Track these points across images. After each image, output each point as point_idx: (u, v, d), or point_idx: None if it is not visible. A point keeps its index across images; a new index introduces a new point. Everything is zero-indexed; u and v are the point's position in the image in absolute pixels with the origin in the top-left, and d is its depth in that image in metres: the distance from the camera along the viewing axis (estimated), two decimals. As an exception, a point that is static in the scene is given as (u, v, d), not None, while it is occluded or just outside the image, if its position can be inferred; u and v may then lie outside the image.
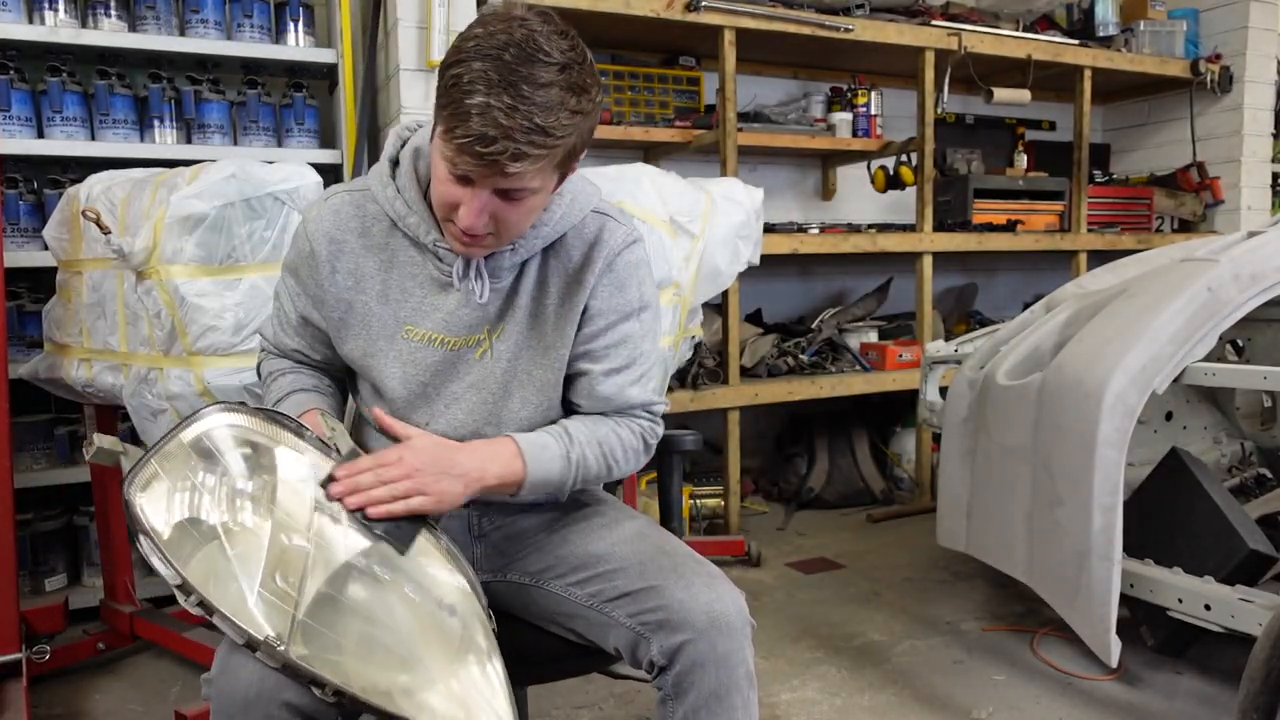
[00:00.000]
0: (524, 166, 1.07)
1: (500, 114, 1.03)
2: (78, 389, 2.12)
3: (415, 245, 1.26)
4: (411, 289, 1.26)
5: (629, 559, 1.23)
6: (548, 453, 1.24)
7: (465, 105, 1.04)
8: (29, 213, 2.67)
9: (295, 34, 2.85)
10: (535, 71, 1.05)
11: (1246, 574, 1.93)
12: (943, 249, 3.64)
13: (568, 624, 1.28)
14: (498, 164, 1.05)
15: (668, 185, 2.30)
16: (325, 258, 1.28)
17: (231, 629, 1.03)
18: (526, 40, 1.06)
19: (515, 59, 1.05)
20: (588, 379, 1.30)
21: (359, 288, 1.27)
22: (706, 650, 1.13)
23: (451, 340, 1.26)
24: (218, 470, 1.11)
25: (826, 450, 3.76)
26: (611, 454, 1.30)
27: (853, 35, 3.35)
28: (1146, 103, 4.72)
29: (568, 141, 1.09)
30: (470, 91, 1.04)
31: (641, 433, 1.34)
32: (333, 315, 1.30)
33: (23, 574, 2.45)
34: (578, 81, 1.08)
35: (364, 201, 1.29)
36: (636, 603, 1.18)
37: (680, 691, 1.14)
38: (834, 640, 2.44)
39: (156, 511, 1.06)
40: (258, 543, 1.09)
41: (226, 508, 1.10)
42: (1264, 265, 1.99)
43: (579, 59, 1.09)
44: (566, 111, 1.07)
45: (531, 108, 1.04)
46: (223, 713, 1.07)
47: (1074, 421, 1.94)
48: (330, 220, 1.28)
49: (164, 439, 1.11)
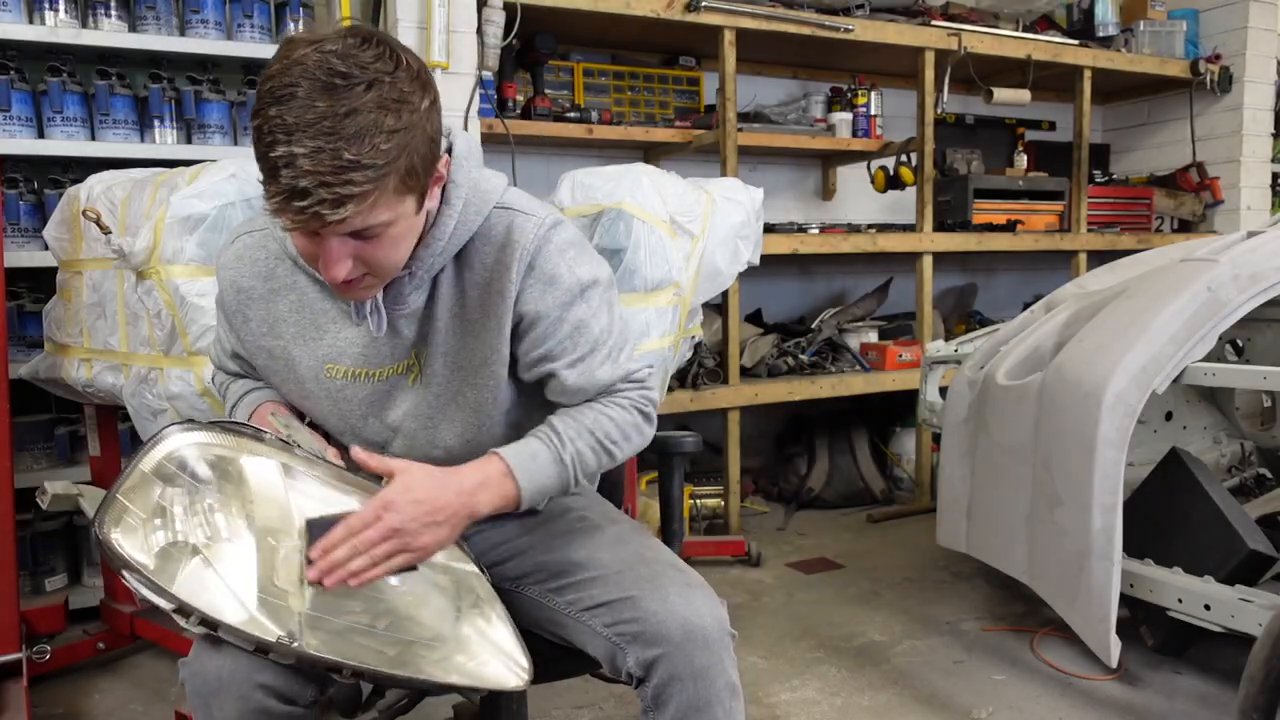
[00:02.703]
0: (350, 209, 0.97)
1: (305, 160, 0.94)
2: (78, 389, 2.12)
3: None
4: (325, 325, 1.22)
5: (607, 567, 1.21)
6: (538, 461, 1.18)
7: (270, 160, 0.95)
8: (29, 213, 2.67)
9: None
10: (336, 101, 0.95)
11: (1246, 574, 1.93)
12: (943, 249, 3.64)
13: (550, 629, 1.26)
14: (319, 216, 0.97)
15: (668, 185, 2.30)
16: (236, 308, 1.26)
17: (239, 638, 1.04)
18: (320, 66, 0.95)
19: (310, 93, 0.94)
20: (555, 379, 1.23)
21: (274, 333, 1.24)
22: (683, 664, 1.10)
23: (377, 372, 1.21)
24: (185, 491, 1.11)
25: (826, 450, 3.76)
26: (608, 438, 1.23)
27: (853, 35, 3.35)
28: (1146, 103, 4.72)
29: (398, 164, 0.99)
30: (272, 144, 0.95)
31: (632, 404, 1.25)
32: (256, 361, 1.29)
33: (23, 574, 2.45)
34: (391, 96, 0.97)
35: (266, 240, 1.23)
36: (613, 613, 1.16)
37: (660, 704, 1.12)
38: (834, 640, 2.44)
39: (135, 544, 1.05)
40: (246, 553, 1.09)
41: (204, 524, 1.09)
42: (1264, 265, 1.99)
43: (389, 68, 0.98)
44: (384, 134, 0.96)
45: (338, 143, 0.94)
46: (197, 694, 1.07)
47: (1074, 421, 1.94)
48: (234, 268, 1.25)
49: (125, 472, 1.09)
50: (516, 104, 3.16)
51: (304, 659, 1.04)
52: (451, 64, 2.70)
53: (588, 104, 3.35)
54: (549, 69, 3.32)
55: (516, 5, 2.79)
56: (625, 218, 2.17)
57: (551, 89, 3.32)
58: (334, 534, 1.06)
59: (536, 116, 3.16)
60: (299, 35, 1.00)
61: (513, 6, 2.78)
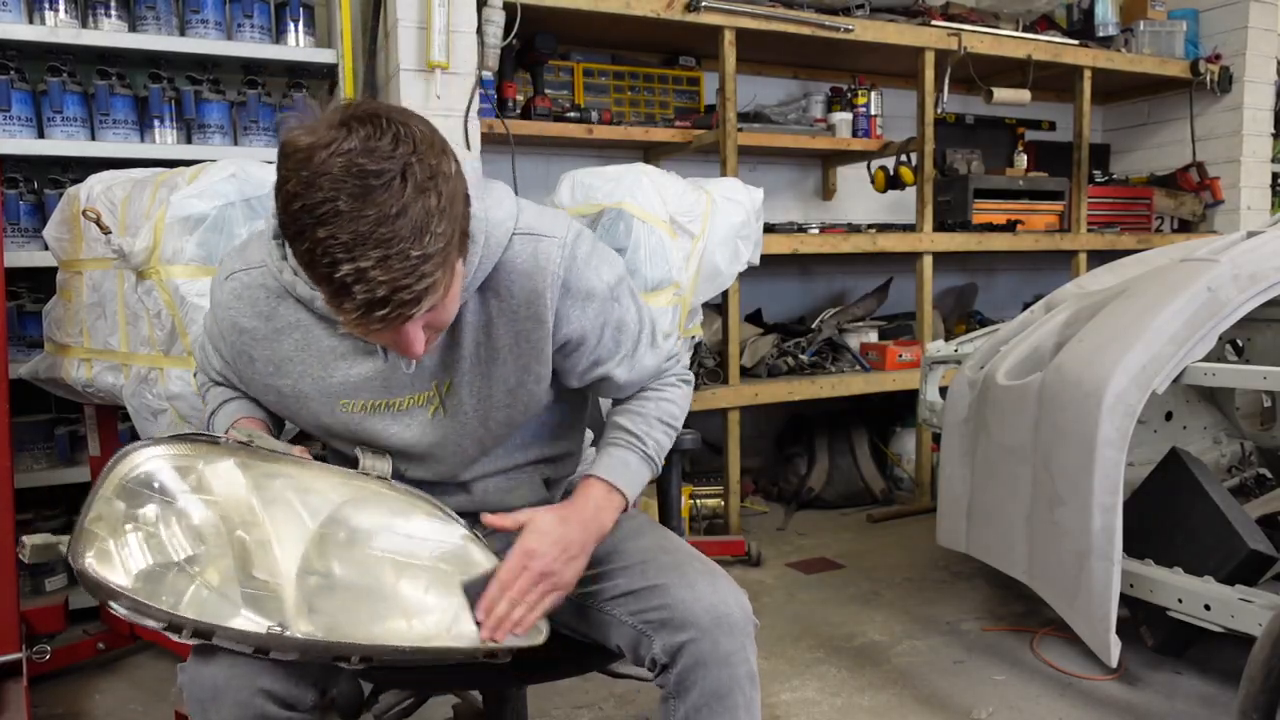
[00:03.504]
0: (429, 300, 0.98)
1: (377, 271, 0.92)
2: (78, 389, 2.12)
3: (324, 319, 1.18)
4: (334, 364, 1.20)
5: (631, 557, 1.24)
6: (631, 467, 1.27)
7: (336, 280, 0.93)
8: (29, 213, 2.67)
9: (295, 34, 2.85)
10: (381, 204, 0.92)
11: (1246, 574, 1.93)
12: (943, 249, 3.64)
13: (569, 622, 1.28)
14: (402, 315, 0.97)
15: (668, 185, 2.30)
16: (240, 349, 1.23)
17: (236, 640, 1.04)
18: (348, 171, 0.92)
19: (352, 203, 0.92)
20: (609, 380, 1.29)
21: (280, 373, 1.22)
22: (709, 649, 1.13)
23: (396, 402, 1.21)
24: (153, 506, 1.10)
25: (826, 450, 3.76)
26: (671, 417, 1.33)
27: (853, 35, 3.35)
28: (1146, 103, 4.72)
29: (453, 238, 1.00)
30: (333, 264, 0.92)
31: (679, 378, 1.37)
32: (266, 399, 1.28)
33: (23, 574, 2.45)
34: (425, 177, 0.95)
35: (264, 279, 1.20)
36: (639, 601, 1.18)
37: (682, 690, 1.14)
38: (834, 640, 2.44)
39: (113, 571, 1.05)
40: (222, 555, 1.09)
41: (179, 536, 1.09)
42: (1264, 265, 1.99)
43: (409, 149, 0.95)
44: (435, 217, 0.95)
45: (403, 245, 0.93)
46: (195, 700, 1.07)
47: (1074, 421, 1.94)
48: (234, 307, 1.22)
49: (88, 503, 1.09)
50: (516, 104, 3.16)
51: (307, 648, 1.04)
52: (451, 64, 2.70)
53: (588, 104, 3.35)
54: (549, 69, 3.32)
55: (516, 5, 2.79)
56: (625, 218, 2.17)
57: (551, 89, 3.32)
58: (490, 592, 1.13)
59: (536, 116, 3.16)
60: (298, 139, 0.94)
61: (513, 6, 2.78)
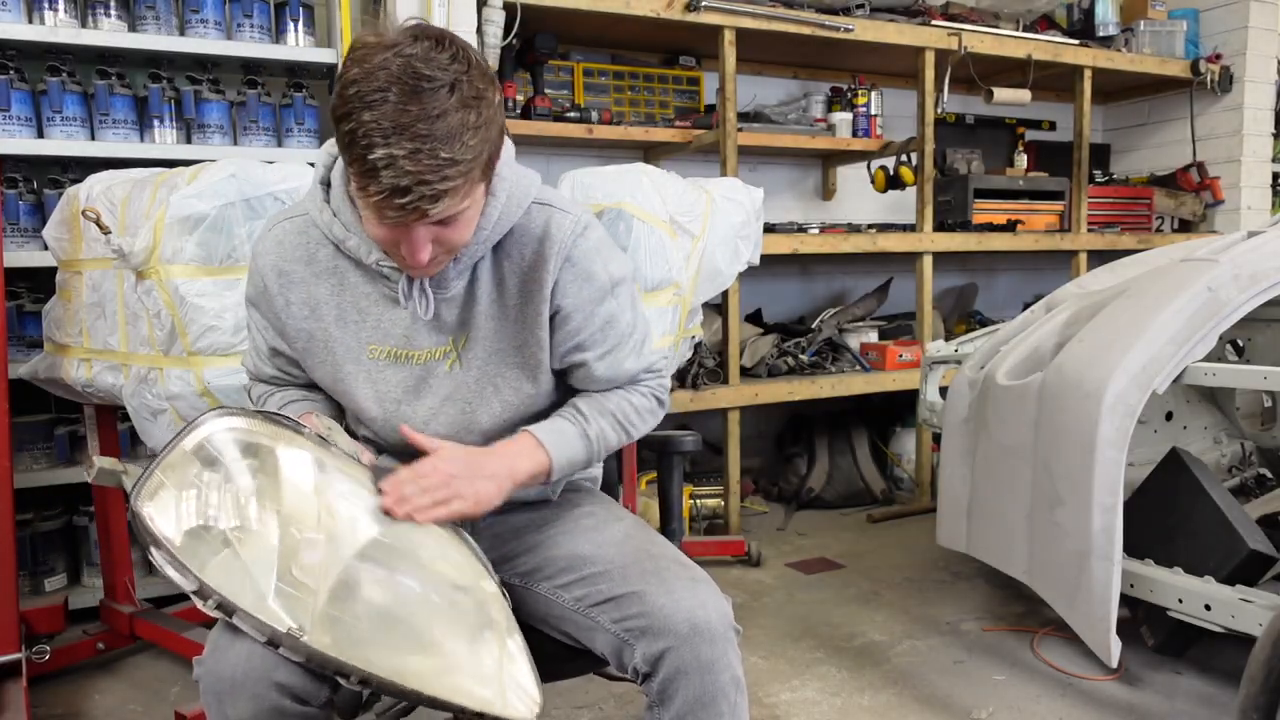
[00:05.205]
0: (446, 202, 1.06)
1: (406, 161, 1.01)
2: (78, 389, 2.12)
3: (361, 265, 1.25)
4: (367, 308, 1.27)
5: (614, 562, 1.23)
6: (565, 436, 1.28)
7: (369, 161, 1.02)
8: (29, 213, 2.67)
9: (295, 34, 2.85)
10: (426, 104, 1.02)
11: (1246, 574, 1.93)
12: (943, 249, 3.64)
13: (558, 626, 1.27)
14: (419, 209, 1.05)
15: (668, 185, 2.30)
16: (277, 291, 1.28)
17: (253, 627, 1.03)
18: (405, 71, 1.02)
19: (401, 97, 1.01)
20: (584, 368, 1.32)
21: (315, 315, 1.28)
22: (689, 657, 1.12)
23: (417, 354, 1.27)
24: (221, 474, 1.11)
25: (826, 450, 3.76)
26: (626, 420, 1.34)
27: (853, 35, 3.35)
28: (1146, 103, 4.72)
29: (481, 157, 1.08)
30: (369, 146, 1.01)
31: (651, 391, 1.38)
32: (296, 345, 1.32)
33: (23, 574, 2.45)
34: (470, 95, 1.05)
35: (306, 227, 1.27)
36: (619, 608, 1.18)
37: (665, 698, 1.13)
38: (834, 640, 2.44)
39: (166, 521, 1.05)
40: (268, 541, 1.09)
41: (234, 510, 1.10)
42: (1264, 265, 1.99)
43: (464, 68, 1.05)
44: (470, 131, 1.04)
45: (434, 144, 1.02)
46: (211, 692, 1.07)
47: (1074, 421, 1.94)
48: (275, 252, 1.28)
49: (166, 449, 1.11)
50: (516, 104, 3.16)
51: (313, 657, 1.04)
52: (451, 64, 2.70)
53: (588, 104, 3.35)
54: (549, 69, 3.32)
55: (516, 5, 2.79)
56: (625, 218, 2.17)
57: (551, 89, 3.32)
58: (401, 473, 1.19)
59: (536, 116, 3.16)
60: (368, 39, 1.05)
61: (512, 6, 2.78)
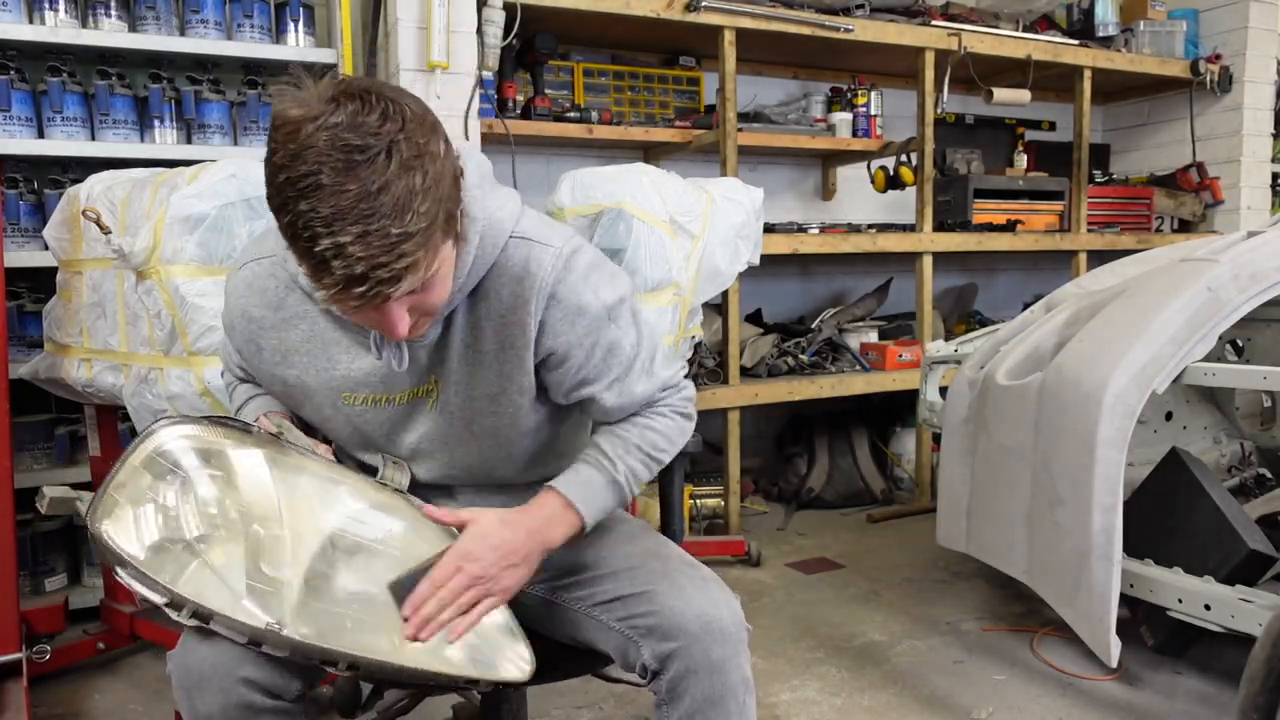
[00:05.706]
0: (408, 280, 0.97)
1: (355, 247, 0.91)
2: (78, 389, 2.12)
3: (330, 312, 1.18)
4: (337, 356, 1.20)
5: (620, 563, 1.23)
6: (594, 487, 1.22)
7: (315, 254, 0.93)
8: (29, 213, 2.67)
9: (295, 34, 2.85)
10: (363, 178, 0.91)
11: (1246, 574, 1.93)
12: (943, 249, 3.64)
13: (560, 628, 1.27)
14: (380, 294, 0.96)
15: (668, 185, 2.30)
16: (248, 337, 1.24)
17: (232, 629, 1.04)
18: (333, 145, 0.91)
19: (335, 176, 0.91)
20: (594, 401, 1.24)
21: (287, 363, 1.23)
22: (700, 657, 1.12)
23: (396, 396, 1.21)
24: (177, 483, 1.11)
25: (826, 450, 3.76)
26: (654, 449, 1.27)
27: (853, 35, 3.35)
28: (1146, 103, 4.72)
29: (438, 219, 0.98)
30: (313, 239, 0.92)
31: (673, 409, 1.29)
32: (271, 389, 1.29)
33: (23, 574, 2.45)
34: (411, 155, 0.94)
35: (275, 270, 1.21)
36: (627, 607, 1.18)
37: (675, 697, 1.13)
38: (834, 640, 2.44)
39: (127, 538, 1.05)
40: (234, 542, 1.10)
41: (194, 516, 1.10)
42: (1264, 265, 1.99)
43: (398, 125, 0.94)
44: (418, 196, 0.94)
45: (382, 222, 0.92)
46: (181, 687, 1.09)
47: (1074, 421, 1.94)
48: (245, 297, 1.23)
49: (116, 468, 1.10)
50: (516, 104, 3.16)
51: (299, 649, 1.04)
52: (451, 64, 2.70)
53: (588, 104, 3.35)
54: (549, 69, 3.32)
55: (516, 5, 2.79)
56: (625, 218, 2.17)
57: (551, 89, 3.32)
58: (420, 590, 1.11)
59: (536, 116, 3.16)
60: (288, 112, 0.93)
61: (512, 6, 2.78)
